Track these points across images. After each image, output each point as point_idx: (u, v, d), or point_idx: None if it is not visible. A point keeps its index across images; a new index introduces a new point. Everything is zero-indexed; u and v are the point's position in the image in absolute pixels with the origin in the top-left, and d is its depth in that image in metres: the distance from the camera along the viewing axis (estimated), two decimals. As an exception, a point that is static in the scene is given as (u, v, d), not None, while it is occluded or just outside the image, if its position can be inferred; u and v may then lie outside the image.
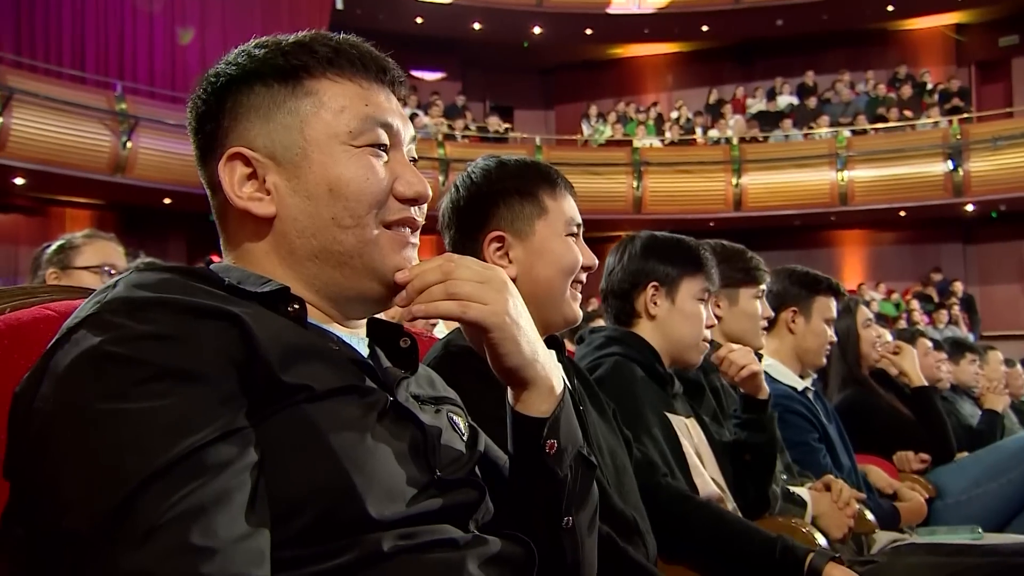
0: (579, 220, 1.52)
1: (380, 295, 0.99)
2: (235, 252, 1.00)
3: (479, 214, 1.48)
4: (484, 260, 1.43)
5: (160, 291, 0.83)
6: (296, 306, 0.92)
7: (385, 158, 0.99)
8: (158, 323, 0.79)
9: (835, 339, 2.80)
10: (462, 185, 1.52)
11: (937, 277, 14.08)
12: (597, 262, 1.55)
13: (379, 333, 1.05)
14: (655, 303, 1.91)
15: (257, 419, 0.80)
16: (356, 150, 0.97)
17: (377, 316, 1.07)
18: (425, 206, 1.03)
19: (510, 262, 1.47)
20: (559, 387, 1.01)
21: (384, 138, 0.99)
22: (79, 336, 0.79)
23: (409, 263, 1.00)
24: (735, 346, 2.02)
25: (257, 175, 0.96)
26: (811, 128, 14.43)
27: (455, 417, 1.06)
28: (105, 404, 0.74)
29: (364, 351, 1.01)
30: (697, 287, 1.95)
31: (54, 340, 0.81)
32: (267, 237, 0.97)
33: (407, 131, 1.03)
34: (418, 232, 1.03)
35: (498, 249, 1.47)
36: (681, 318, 1.92)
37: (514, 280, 1.44)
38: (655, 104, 16.07)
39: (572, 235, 1.50)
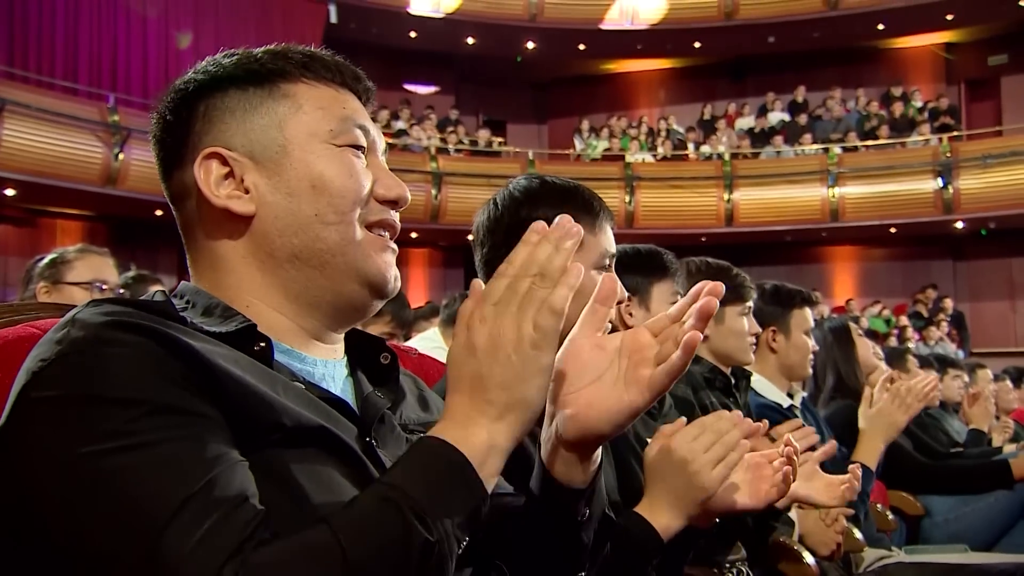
0: (613, 251, 1.48)
1: (361, 298, 0.97)
2: (205, 263, 0.97)
3: (514, 240, 1.45)
4: None
5: (131, 329, 0.80)
6: (262, 344, 0.89)
7: (364, 161, 0.99)
8: (134, 361, 0.77)
9: (817, 348, 2.81)
10: (501, 203, 1.47)
11: (932, 294, 14.13)
12: (626, 295, 1.53)
13: (359, 348, 1.03)
14: (630, 314, 1.88)
15: None
16: (337, 149, 0.96)
17: (358, 329, 1.04)
18: (399, 213, 1.02)
19: None
20: (599, 455, 0.98)
21: (362, 140, 0.98)
22: (53, 374, 0.76)
23: (389, 267, 0.98)
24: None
25: (234, 175, 0.94)
26: (802, 144, 14.50)
27: None
28: (102, 448, 0.72)
29: (343, 372, 0.99)
30: (668, 291, 1.94)
31: (24, 383, 0.78)
32: (244, 239, 0.95)
33: (381, 140, 1.03)
34: (394, 238, 1.02)
35: None
36: None
37: None
38: (642, 119, 16.10)
39: (603, 267, 1.46)
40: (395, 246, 1.01)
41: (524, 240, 0.82)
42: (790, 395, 2.76)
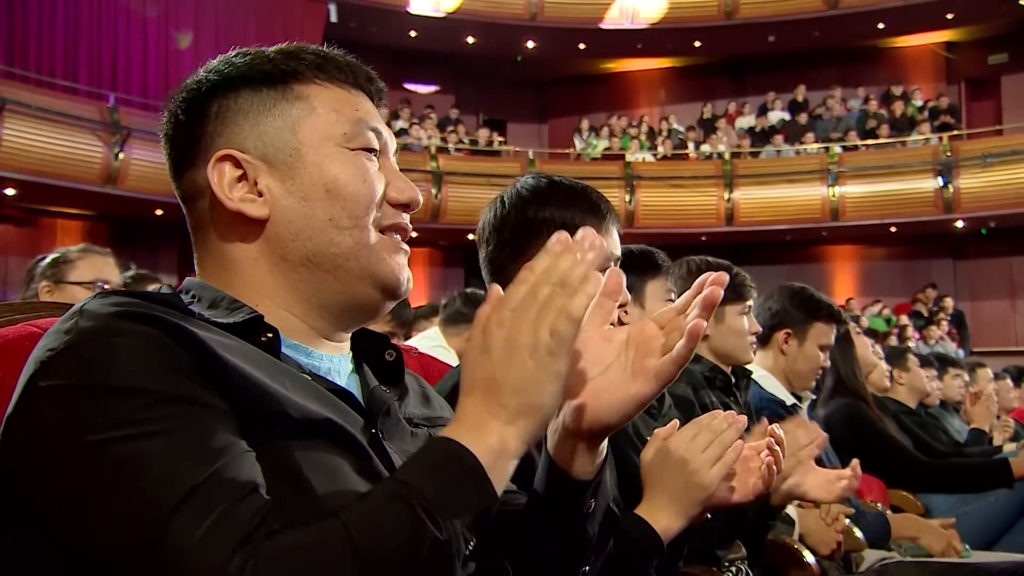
0: (618, 254, 1.48)
1: (374, 300, 0.98)
2: (215, 264, 0.97)
3: (519, 240, 1.45)
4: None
5: (136, 319, 0.80)
6: (269, 335, 0.89)
7: (377, 164, 0.98)
8: (143, 352, 0.77)
9: (827, 364, 2.78)
10: (508, 201, 1.47)
11: (932, 294, 14.13)
12: (629, 298, 1.53)
13: (364, 345, 1.03)
14: (626, 312, 1.89)
15: None
16: (351, 152, 0.96)
17: (364, 327, 1.04)
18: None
19: None
20: (606, 448, 0.98)
21: (375, 143, 0.98)
22: (61, 364, 0.76)
23: (402, 269, 0.99)
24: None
25: (248, 177, 0.94)
26: (802, 143, 14.51)
27: None
28: (109, 436, 0.72)
29: (348, 368, 0.99)
30: (661, 289, 1.95)
31: (32, 372, 0.78)
32: (257, 242, 0.94)
33: (392, 141, 1.03)
34: (406, 240, 1.02)
35: None
36: None
37: None
38: (643, 118, 16.11)
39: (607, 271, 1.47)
40: (407, 247, 1.01)
41: (546, 249, 0.80)
42: (798, 396, 2.74)
